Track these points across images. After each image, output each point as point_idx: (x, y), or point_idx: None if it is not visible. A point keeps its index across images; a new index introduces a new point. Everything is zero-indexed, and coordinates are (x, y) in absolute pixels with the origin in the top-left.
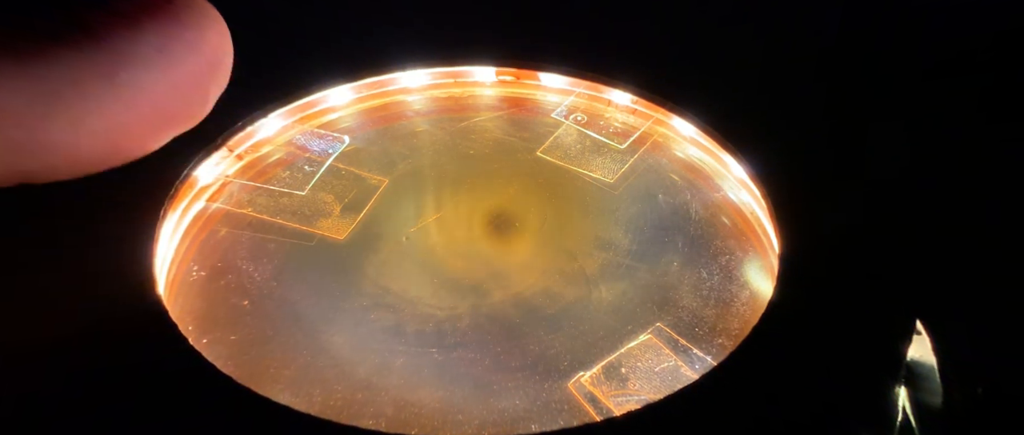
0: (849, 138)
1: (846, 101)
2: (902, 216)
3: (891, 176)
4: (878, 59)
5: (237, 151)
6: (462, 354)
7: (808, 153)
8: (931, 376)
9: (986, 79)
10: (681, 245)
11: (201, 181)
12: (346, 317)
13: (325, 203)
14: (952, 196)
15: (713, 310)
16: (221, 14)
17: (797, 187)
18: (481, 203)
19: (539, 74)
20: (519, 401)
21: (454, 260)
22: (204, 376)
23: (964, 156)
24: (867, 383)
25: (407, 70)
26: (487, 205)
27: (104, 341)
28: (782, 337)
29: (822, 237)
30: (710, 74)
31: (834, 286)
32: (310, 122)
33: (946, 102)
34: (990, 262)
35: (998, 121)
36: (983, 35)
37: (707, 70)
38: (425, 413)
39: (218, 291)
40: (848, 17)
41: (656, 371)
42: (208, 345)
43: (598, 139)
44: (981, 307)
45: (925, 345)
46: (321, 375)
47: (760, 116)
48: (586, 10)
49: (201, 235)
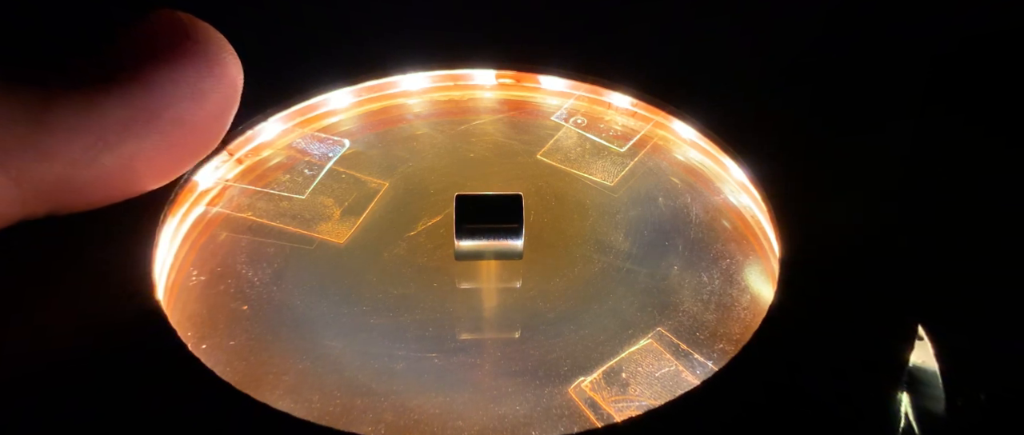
0: (850, 141)
1: (847, 104)
2: (904, 220)
3: (892, 180)
4: (879, 61)
5: (237, 155)
6: (462, 359)
7: (809, 156)
8: (933, 381)
9: (986, 79)
10: (681, 249)
11: (201, 185)
12: (346, 322)
13: (325, 207)
14: (954, 200)
15: (714, 314)
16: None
17: (798, 190)
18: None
19: (539, 77)
20: (519, 407)
21: (454, 264)
22: (203, 382)
23: (966, 159)
24: (869, 388)
25: (407, 73)
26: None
27: (103, 346)
28: (783, 342)
29: (823, 241)
30: (710, 77)
31: (835, 290)
32: (310, 126)
33: (947, 105)
34: (992, 267)
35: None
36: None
37: (707, 73)
38: (425, 419)
39: (217, 296)
40: (849, 19)
41: (657, 376)
42: (207, 350)
43: (598, 142)
44: (983, 312)
45: (927, 350)
46: (320, 380)
47: (761, 119)
48: (586, 12)
49: (201, 239)
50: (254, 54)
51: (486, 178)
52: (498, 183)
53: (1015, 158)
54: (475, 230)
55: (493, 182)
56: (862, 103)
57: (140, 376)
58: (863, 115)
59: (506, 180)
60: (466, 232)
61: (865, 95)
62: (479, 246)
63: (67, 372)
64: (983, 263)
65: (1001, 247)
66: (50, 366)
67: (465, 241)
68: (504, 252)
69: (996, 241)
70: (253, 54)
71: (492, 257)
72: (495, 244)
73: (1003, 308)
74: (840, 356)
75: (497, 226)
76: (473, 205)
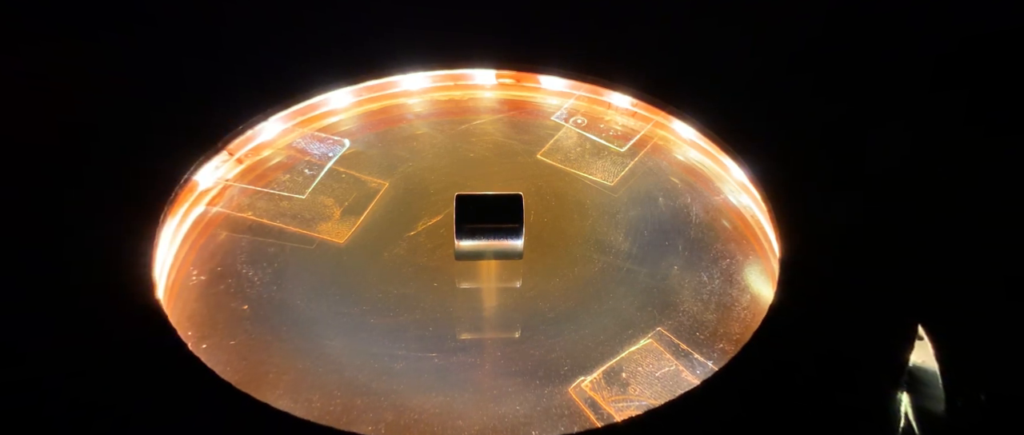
0: (850, 141)
1: (847, 104)
2: (904, 220)
3: (893, 180)
4: (879, 62)
5: (237, 155)
6: (462, 359)
7: (809, 156)
8: (933, 382)
9: (986, 79)
10: (681, 249)
11: (201, 185)
12: (346, 321)
13: (325, 206)
14: (954, 200)
15: (714, 314)
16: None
17: (798, 190)
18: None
19: (539, 77)
20: (519, 406)
21: (454, 264)
22: (203, 381)
23: (966, 159)
24: (868, 388)
25: (407, 73)
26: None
27: (102, 346)
28: (783, 342)
29: (823, 241)
30: (711, 77)
31: (835, 290)
32: (310, 125)
33: (947, 104)
34: (993, 267)
35: (1000, 123)
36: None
37: (708, 73)
38: (425, 418)
39: (217, 296)
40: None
41: (657, 376)
42: (207, 350)
43: (598, 142)
44: (984, 312)
45: (927, 351)
46: (320, 380)
47: (761, 119)
48: (586, 12)
49: (200, 239)
50: (254, 54)
51: (486, 178)
52: (498, 183)
53: (1015, 158)
54: (475, 230)
55: (493, 182)
56: (862, 103)
57: (140, 376)
58: (864, 115)
59: (506, 180)
60: (466, 232)
61: (865, 95)
62: (479, 246)
63: (67, 372)
64: (983, 263)
65: (1001, 247)
66: (50, 366)
67: (465, 241)
68: (504, 252)
69: (996, 241)
70: (253, 54)
71: (492, 257)
72: (495, 244)
73: (1003, 308)
74: (840, 356)
75: (497, 226)
76: (473, 205)
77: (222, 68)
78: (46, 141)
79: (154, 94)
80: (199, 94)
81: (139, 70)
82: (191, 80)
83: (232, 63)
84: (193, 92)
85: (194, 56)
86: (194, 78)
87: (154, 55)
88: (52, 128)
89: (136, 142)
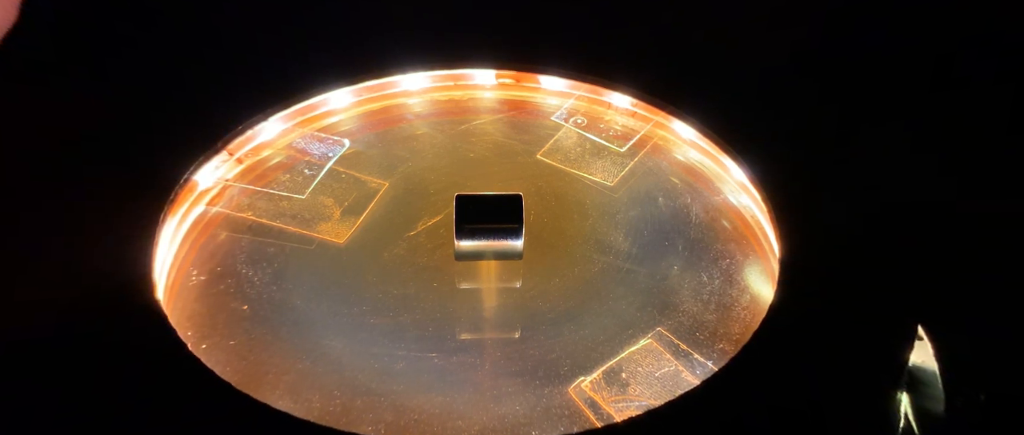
0: (850, 142)
1: (846, 105)
2: (903, 220)
3: (892, 180)
4: (879, 62)
5: (237, 155)
6: (462, 359)
7: (808, 156)
8: (932, 382)
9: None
10: (681, 249)
11: (201, 185)
12: (346, 321)
13: (325, 207)
14: (953, 201)
15: (714, 314)
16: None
17: (797, 191)
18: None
19: (539, 77)
20: (519, 406)
21: (454, 264)
22: (203, 381)
23: (966, 160)
24: (868, 388)
25: (407, 73)
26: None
27: (103, 345)
28: (783, 342)
29: (823, 241)
30: (710, 77)
31: (835, 290)
32: (310, 125)
33: (947, 105)
34: (991, 267)
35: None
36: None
37: (707, 73)
38: (425, 419)
39: (217, 296)
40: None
41: (657, 376)
42: (207, 350)
43: (598, 142)
44: (983, 312)
45: (926, 350)
46: (320, 380)
47: (760, 119)
48: (586, 12)
49: (200, 239)
50: (254, 54)
51: (486, 178)
52: (498, 183)
53: (1015, 158)
54: (475, 230)
55: (493, 182)
56: (862, 103)
57: (140, 376)
58: (863, 115)
59: (506, 180)
60: (466, 232)
61: (866, 95)
62: (479, 246)
63: (67, 371)
64: (983, 263)
65: (1001, 247)
66: (50, 366)
67: (465, 241)
68: (504, 252)
69: (995, 241)
70: (253, 54)
71: (492, 257)
72: (495, 244)
73: (1002, 308)
74: (839, 356)
75: (497, 226)
76: (473, 205)
77: (222, 68)
78: (46, 141)
79: (154, 94)
80: (199, 94)
81: (139, 70)
82: (191, 80)
83: (232, 63)
84: (193, 92)
85: (194, 56)
86: (194, 78)
87: (154, 55)
88: (52, 128)
89: (136, 142)
